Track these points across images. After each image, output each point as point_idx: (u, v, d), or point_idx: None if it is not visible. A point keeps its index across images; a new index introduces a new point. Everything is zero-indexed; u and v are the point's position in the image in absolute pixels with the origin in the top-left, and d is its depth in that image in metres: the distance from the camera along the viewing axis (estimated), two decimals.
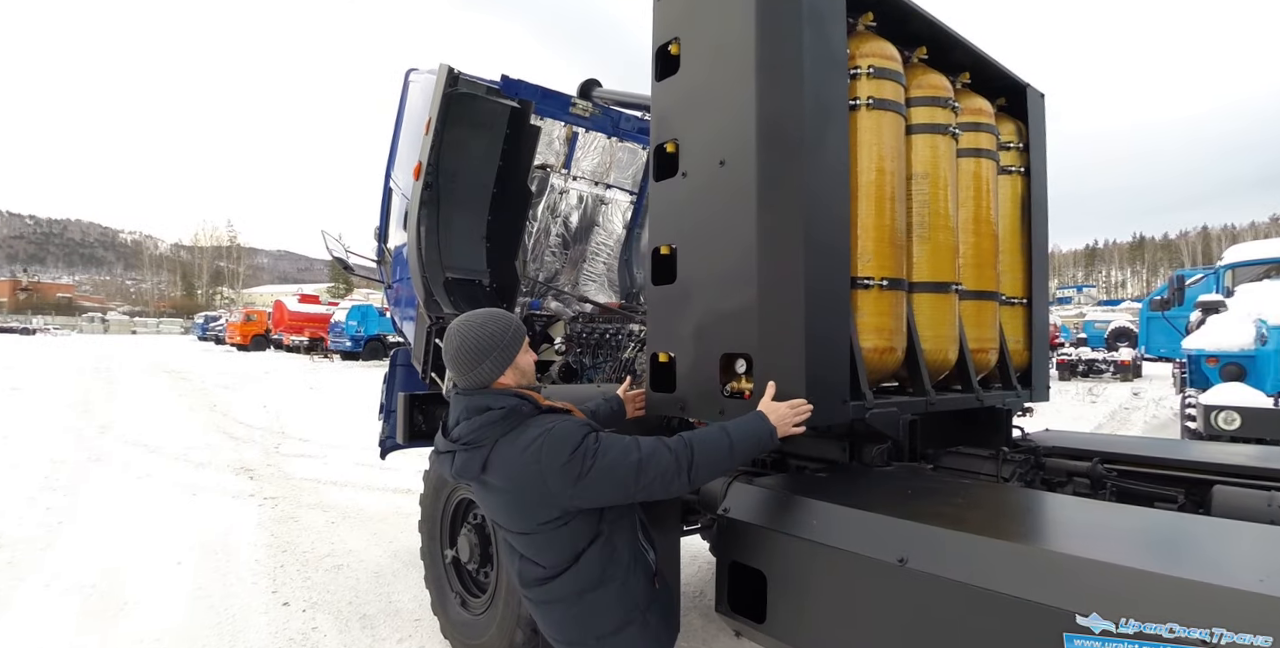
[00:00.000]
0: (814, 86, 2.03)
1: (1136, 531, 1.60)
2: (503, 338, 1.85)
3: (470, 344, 1.83)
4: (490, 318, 1.89)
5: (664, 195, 2.34)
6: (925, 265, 2.53)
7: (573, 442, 1.69)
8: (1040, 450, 2.51)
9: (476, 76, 4.22)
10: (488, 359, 1.82)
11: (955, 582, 1.34)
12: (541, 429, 1.72)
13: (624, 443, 1.72)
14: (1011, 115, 3.20)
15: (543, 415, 1.81)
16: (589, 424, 1.78)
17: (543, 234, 5.16)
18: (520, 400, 1.80)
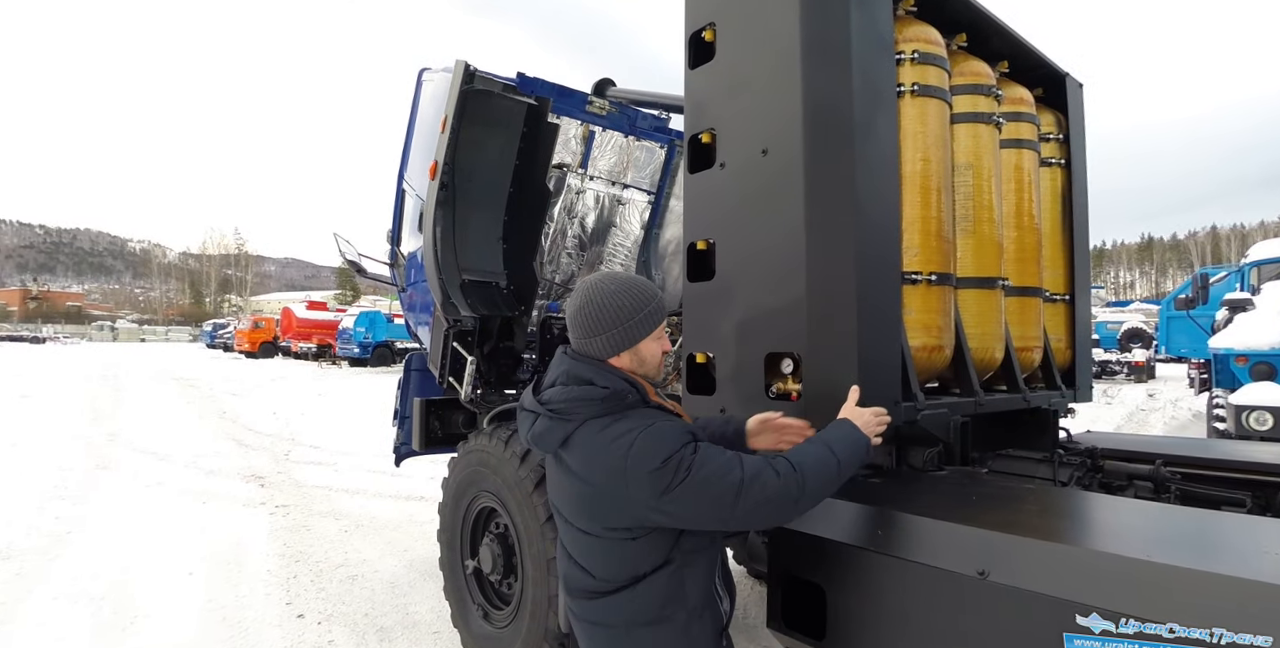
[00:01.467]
0: (863, 70, 1.93)
1: (1219, 535, 1.48)
2: (630, 315, 1.59)
3: (591, 311, 1.60)
4: (626, 288, 1.63)
5: (700, 187, 2.23)
6: (970, 260, 2.43)
7: (670, 446, 1.45)
8: (1096, 452, 2.39)
9: (492, 74, 4.13)
10: (605, 334, 1.59)
11: (1044, 596, 1.23)
12: (640, 424, 1.49)
13: (725, 458, 1.47)
14: (1050, 106, 3.09)
15: (647, 409, 1.58)
16: (693, 432, 1.54)
17: (559, 235, 5.05)
18: (629, 387, 1.57)
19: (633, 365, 1.63)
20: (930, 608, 1.44)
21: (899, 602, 1.50)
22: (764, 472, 1.45)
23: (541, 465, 2.77)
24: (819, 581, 1.65)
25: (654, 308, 1.64)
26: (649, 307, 1.62)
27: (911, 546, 1.48)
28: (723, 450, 1.50)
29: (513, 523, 2.96)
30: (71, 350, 44.49)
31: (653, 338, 1.65)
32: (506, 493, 2.98)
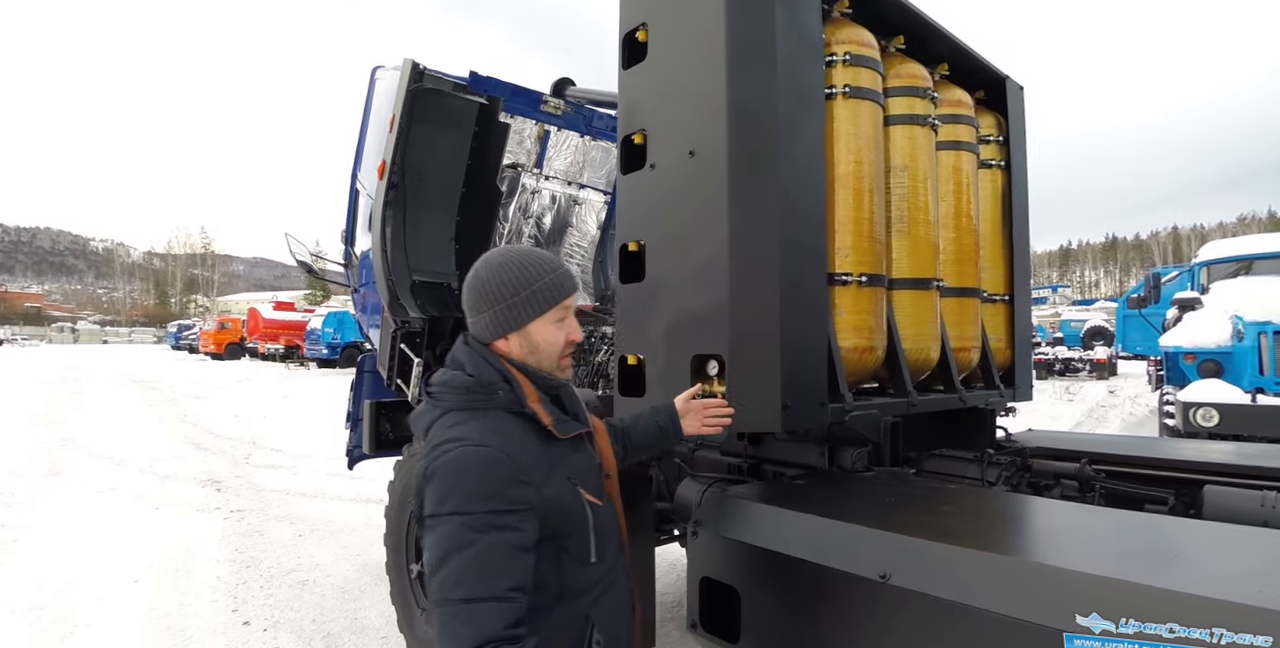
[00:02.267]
0: (788, 72, 1.93)
1: (1130, 538, 1.50)
2: (515, 291, 1.36)
3: (476, 285, 1.39)
4: (516, 260, 1.40)
5: (632, 189, 2.22)
6: (905, 261, 2.44)
7: (470, 489, 1.18)
8: (1026, 452, 2.42)
9: (443, 72, 4.08)
10: (488, 311, 1.37)
11: (942, 600, 1.23)
12: (478, 438, 1.25)
13: (494, 564, 1.16)
14: (991, 108, 3.13)
15: (511, 417, 1.32)
16: (514, 496, 1.21)
17: (515, 236, 5.02)
18: (501, 381, 1.33)
19: (523, 353, 1.40)
20: (837, 612, 1.44)
21: (808, 605, 1.50)
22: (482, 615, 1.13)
23: None
24: (733, 583, 1.65)
25: (547, 284, 1.40)
26: (541, 282, 1.39)
27: (818, 549, 1.48)
28: (508, 555, 1.18)
29: None
30: (29, 353, 43.35)
31: (548, 321, 1.41)
32: None
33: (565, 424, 1.39)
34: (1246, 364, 6.35)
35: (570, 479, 1.34)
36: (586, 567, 1.35)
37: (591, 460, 1.47)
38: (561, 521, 1.31)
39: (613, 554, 1.45)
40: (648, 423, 1.78)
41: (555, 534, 1.30)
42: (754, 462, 2.52)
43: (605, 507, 1.44)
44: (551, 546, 1.30)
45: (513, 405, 1.33)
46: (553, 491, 1.29)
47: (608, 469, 1.53)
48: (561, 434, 1.35)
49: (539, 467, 1.29)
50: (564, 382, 1.48)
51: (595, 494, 1.39)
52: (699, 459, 2.78)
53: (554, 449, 1.35)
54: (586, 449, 1.47)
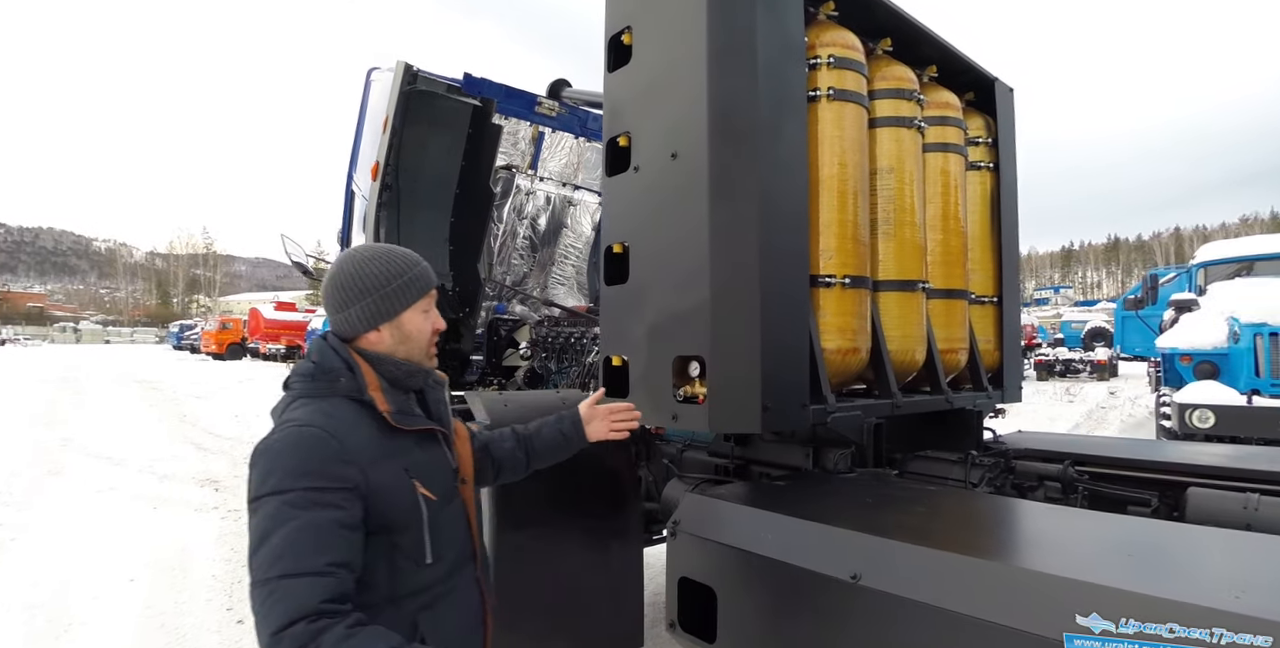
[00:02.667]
0: (769, 75, 1.94)
1: (1107, 542, 1.51)
2: (385, 282, 1.39)
3: (343, 281, 1.40)
4: (380, 255, 1.43)
5: (617, 191, 2.24)
6: (891, 263, 2.45)
7: (292, 467, 1.18)
8: (1010, 454, 2.43)
9: (438, 75, 4.11)
10: (358, 304, 1.38)
11: (911, 601, 1.24)
12: (309, 419, 1.25)
13: (307, 541, 1.13)
14: (980, 110, 3.14)
15: (348, 403, 1.31)
16: (340, 473, 1.20)
17: (509, 236, 5.04)
18: (344, 369, 1.35)
19: (395, 344, 1.42)
20: (811, 612, 1.45)
21: (782, 606, 1.51)
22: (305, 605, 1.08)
23: None
24: (710, 583, 1.66)
25: (415, 275, 1.44)
26: (409, 274, 1.43)
27: (792, 549, 1.49)
28: (330, 530, 1.15)
29: None
30: (31, 352, 43.46)
31: (417, 311, 1.44)
32: None
33: (407, 417, 1.38)
34: (1243, 366, 6.34)
35: (407, 471, 1.32)
36: (420, 568, 1.31)
37: (442, 460, 1.45)
38: (391, 511, 1.27)
39: (456, 560, 1.41)
40: (551, 430, 1.80)
41: (386, 526, 1.26)
42: (740, 462, 2.53)
43: (451, 507, 1.42)
44: (383, 540, 1.26)
45: (353, 392, 1.33)
46: (383, 477, 1.26)
47: (464, 474, 1.51)
48: (398, 424, 1.33)
49: (369, 450, 1.27)
50: (429, 369, 1.49)
51: (439, 493, 1.37)
52: (687, 460, 2.79)
53: (394, 440, 1.33)
54: (438, 449, 1.45)
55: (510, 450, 1.74)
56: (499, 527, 2.44)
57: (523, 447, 1.75)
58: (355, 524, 1.20)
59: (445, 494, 1.40)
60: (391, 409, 1.34)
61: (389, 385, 1.39)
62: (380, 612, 1.23)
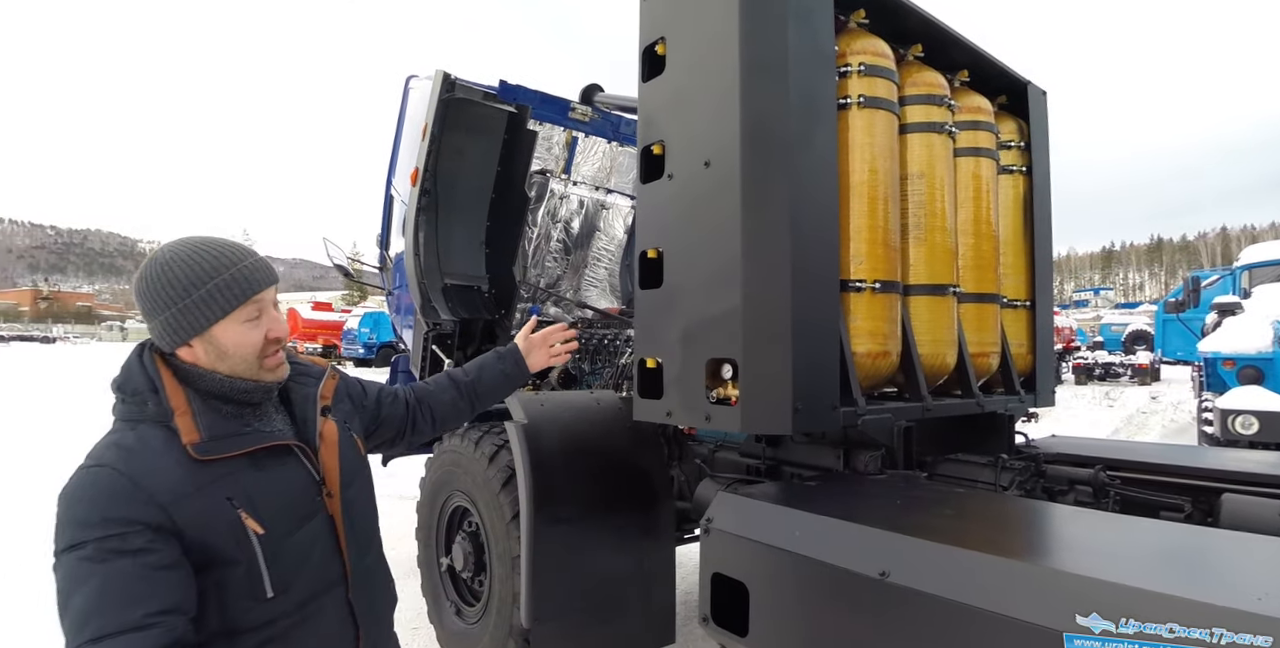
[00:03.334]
0: (800, 84, 1.98)
1: (1134, 544, 1.53)
2: (186, 291, 1.19)
3: (142, 287, 1.21)
4: (186, 255, 1.21)
5: (651, 198, 2.30)
6: (922, 268, 2.47)
7: (81, 520, 1.07)
8: (1041, 458, 2.44)
9: (474, 82, 4.21)
10: (160, 316, 1.20)
11: (938, 598, 1.28)
12: (87, 462, 1.14)
13: (98, 601, 1.01)
14: (1013, 113, 3.14)
15: (154, 430, 1.17)
16: (132, 516, 1.07)
17: (543, 240, 5.13)
18: (149, 391, 1.19)
19: (212, 360, 1.23)
20: (840, 608, 1.50)
21: (812, 600, 1.56)
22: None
23: (508, 466, 2.84)
24: (742, 579, 1.71)
25: (224, 281, 1.21)
26: (216, 279, 1.20)
27: (823, 546, 1.54)
28: (141, 578, 1.04)
29: (482, 521, 3.03)
30: (82, 350, 44.87)
31: (234, 322, 1.23)
32: (476, 492, 3.05)
33: (225, 441, 1.20)
34: None
35: (231, 501, 1.16)
36: (260, 603, 1.18)
37: (292, 477, 1.28)
38: (211, 548, 1.13)
39: (313, 587, 1.27)
40: (492, 371, 1.82)
41: (208, 563, 1.13)
42: (772, 463, 2.57)
43: (304, 531, 1.26)
44: (207, 575, 1.13)
45: (161, 418, 1.17)
46: (196, 511, 1.12)
47: (330, 487, 1.33)
48: (202, 456, 1.16)
49: (175, 485, 1.12)
50: (269, 385, 1.29)
51: (283, 517, 1.22)
52: (719, 460, 2.84)
53: (212, 467, 1.17)
54: (289, 464, 1.28)
55: (451, 401, 1.75)
56: (536, 524, 2.52)
57: (465, 395, 1.77)
58: (172, 563, 1.08)
59: (291, 519, 1.24)
60: (201, 437, 1.17)
61: (214, 402, 1.23)
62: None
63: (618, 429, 2.82)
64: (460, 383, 1.79)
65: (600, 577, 2.67)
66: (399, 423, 1.67)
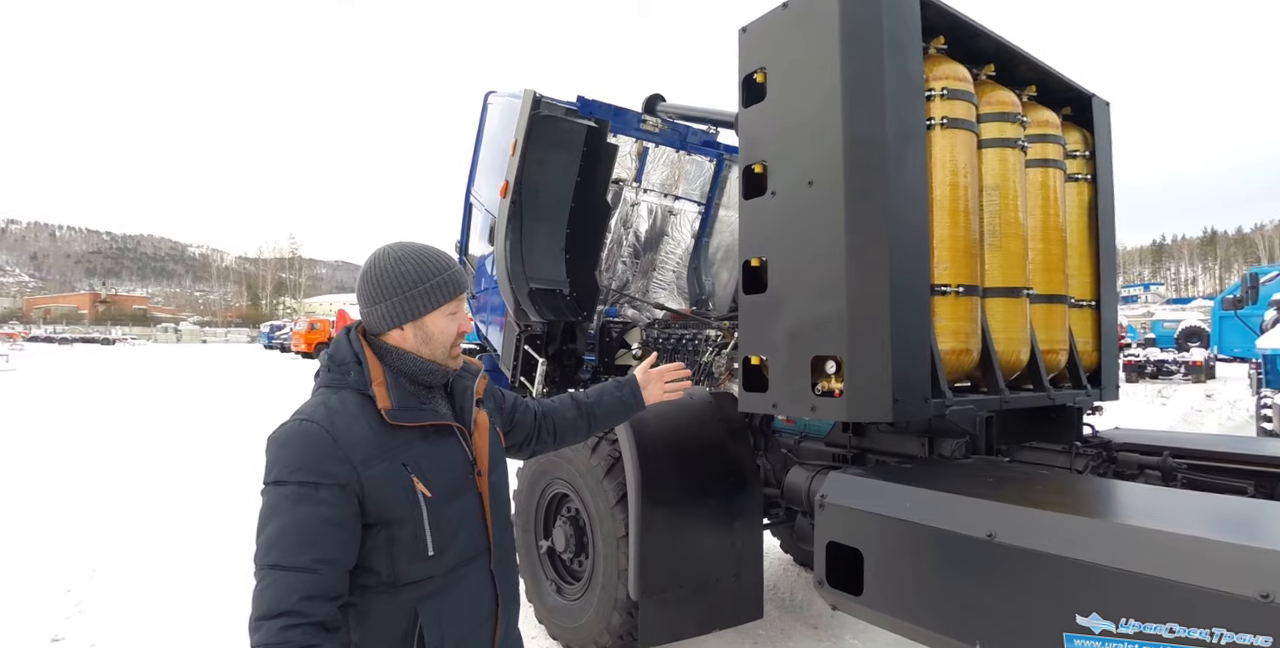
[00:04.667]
0: (895, 111, 2.23)
1: (1208, 511, 1.75)
2: (413, 283, 1.43)
3: (374, 277, 1.45)
4: (413, 255, 1.47)
5: (753, 212, 2.56)
6: (997, 272, 2.69)
7: (287, 460, 1.30)
8: (1112, 445, 2.64)
9: (556, 99, 4.51)
10: (385, 302, 1.44)
11: (1039, 553, 1.53)
12: (312, 413, 1.35)
13: (298, 535, 1.25)
14: (1077, 124, 3.33)
15: (352, 396, 1.39)
16: (331, 471, 1.29)
17: (615, 245, 5.42)
18: (354, 362, 1.42)
19: (417, 344, 1.47)
20: (950, 565, 1.74)
21: (923, 561, 1.81)
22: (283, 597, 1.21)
23: (610, 456, 3.12)
24: (858, 545, 1.96)
25: (446, 278, 1.48)
26: (438, 277, 1.46)
27: (935, 514, 1.79)
28: (316, 527, 1.26)
29: (584, 507, 3.32)
30: (140, 350, 46.64)
31: (442, 313, 1.48)
32: (579, 480, 3.34)
33: (409, 412, 1.41)
34: None
35: (405, 467, 1.36)
36: (422, 559, 1.37)
37: (453, 454, 1.47)
38: (387, 506, 1.33)
39: (463, 553, 1.44)
40: (611, 398, 1.93)
41: (383, 520, 1.34)
42: (857, 451, 2.82)
43: (459, 502, 1.45)
44: (382, 531, 1.34)
45: (360, 386, 1.39)
46: (379, 472, 1.33)
47: (480, 467, 1.52)
48: (394, 420, 1.37)
49: (366, 447, 1.33)
50: (449, 371, 1.52)
51: (445, 488, 1.41)
52: (804, 450, 3.09)
53: (394, 434, 1.38)
54: (450, 443, 1.48)
55: (573, 419, 1.88)
56: (643, 507, 2.80)
57: (585, 415, 1.90)
58: (343, 520, 1.28)
59: (451, 490, 1.43)
60: (392, 405, 1.38)
61: (402, 380, 1.45)
62: (378, 595, 1.35)
63: (710, 421, 3.09)
64: (581, 404, 1.91)
65: (698, 555, 2.95)
66: (527, 431, 1.82)
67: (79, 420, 11.85)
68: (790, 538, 4.05)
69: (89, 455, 8.65)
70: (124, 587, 4.30)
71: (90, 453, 8.82)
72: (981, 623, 1.65)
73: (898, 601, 1.86)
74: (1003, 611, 1.63)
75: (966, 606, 1.70)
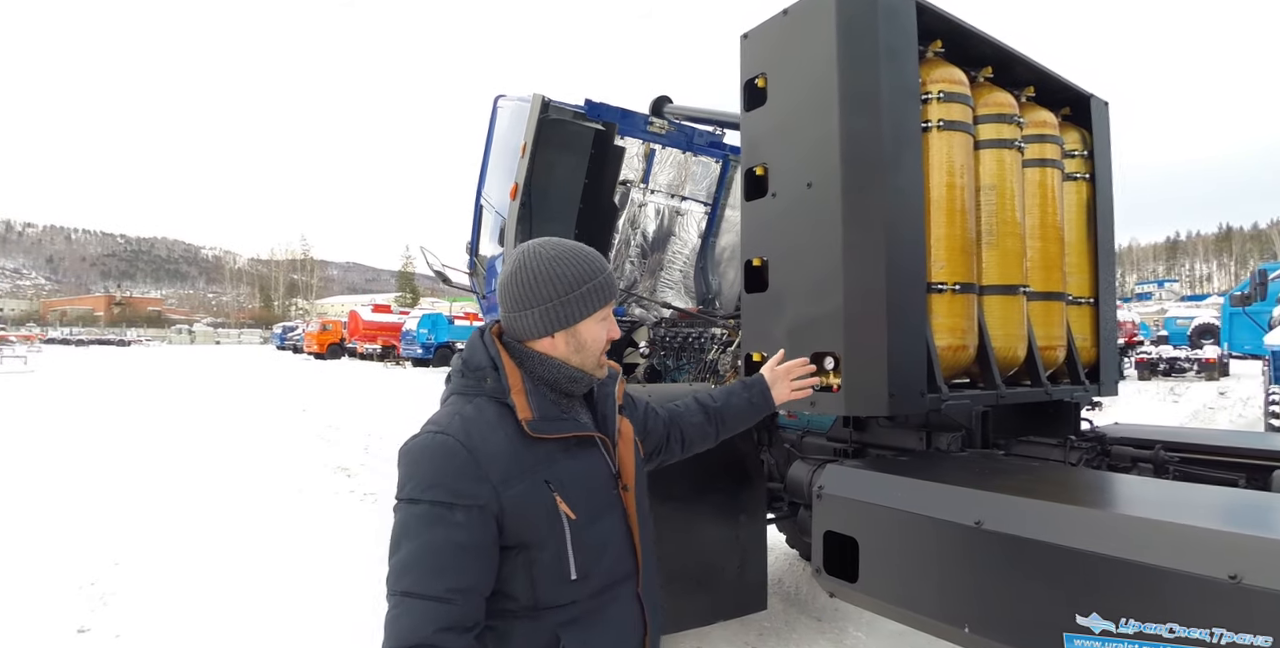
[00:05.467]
0: (891, 114, 2.31)
1: (1195, 501, 1.81)
2: (572, 286, 1.30)
3: (526, 278, 1.30)
4: (570, 255, 1.33)
5: (755, 213, 2.64)
6: (994, 270, 2.76)
7: (425, 477, 1.20)
8: (1107, 439, 2.70)
9: (563, 103, 4.61)
10: (539, 306, 1.30)
11: (1026, 539, 1.60)
12: (434, 426, 1.26)
13: (434, 559, 1.15)
14: (1076, 124, 3.38)
15: (489, 405, 1.28)
16: (473, 491, 1.18)
17: (623, 245, 5.51)
18: (490, 368, 1.31)
19: (568, 352, 1.34)
20: (940, 551, 1.82)
21: (915, 548, 1.88)
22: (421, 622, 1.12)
23: None
24: (853, 534, 2.04)
25: (601, 282, 1.34)
26: (597, 279, 1.34)
27: (925, 503, 1.86)
28: (452, 553, 1.16)
29: None
30: (155, 351, 47.15)
31: (597, 319, 1.35)
32: None
33: (550, 423, 1.29)
34: None
35: (549, 484, 1.25)
36: (564, 584, 1.25)
37: (598, 468, 1.35)
38: (527, 528, 1.23)
39: (608, 576, 1.32)
40: (739, 400, 1.78)
41: (523, 543, 1.23)
42: (858, 445, 2.89)
43: (605, 521, 1.33)
44: (520, 554, 1.23)
45: (497, 394, 1.28)
46: (520, 492, 1.22)
47: (625, 481, 1.39)
48: (535, 433, 1.25)
49: (507, 463, 1.22)
50: (595, 379, 1.40)
51: (589, 506, 1.29)
52: (806, 444, 3.16)
53: (537, 447, 1.26)
54: (594, 456, 1.35)
55: (700, 425, 1.73)
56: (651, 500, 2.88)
57: (713, 420, 1.75)
58: (480, 545, 1.18)
59: (597, 507, 1.31)
60: (533, 416, 1.26)
61: (543, 388, 1.33)
62: (518, 620, 1.25)
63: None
64: (709, 408, 1.76)
65: (703, 548, 3.03)
66: (658, 440, 1.66)
67: (100, 419, 12.06)
68: (795, 532, 4.12)
69: (110, 452, 8.82)
70: (147, 579, 4.43)
71: (112, 449, 8.99)
72: (970, 607, 1.72)
73: (891, 586, 1.94)
74: (991, 594, 1.70)
75: (956, 590, 1.77)
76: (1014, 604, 1.63)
